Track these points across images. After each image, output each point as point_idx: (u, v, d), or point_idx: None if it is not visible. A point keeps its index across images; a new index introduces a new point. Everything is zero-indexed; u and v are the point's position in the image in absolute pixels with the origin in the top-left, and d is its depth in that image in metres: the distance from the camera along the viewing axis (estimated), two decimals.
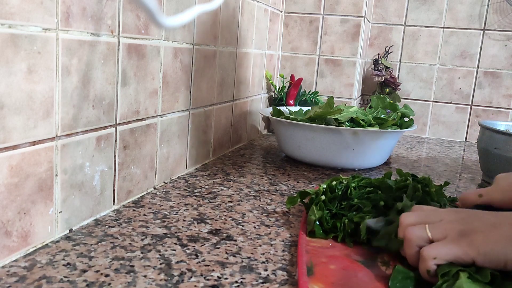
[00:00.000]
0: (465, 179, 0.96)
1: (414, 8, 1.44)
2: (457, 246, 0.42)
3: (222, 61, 0.92)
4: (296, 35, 1.32)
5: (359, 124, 0.92)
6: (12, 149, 0.44)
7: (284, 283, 0.46)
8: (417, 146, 1.31)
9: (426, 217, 0.48)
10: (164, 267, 0.47)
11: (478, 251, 0.41)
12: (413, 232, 0.45)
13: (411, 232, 0.46)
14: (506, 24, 1.38)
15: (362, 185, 0.63)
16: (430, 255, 0.43)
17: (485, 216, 0.46)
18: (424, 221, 0.47)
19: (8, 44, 0.42)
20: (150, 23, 0.64)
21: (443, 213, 0.48)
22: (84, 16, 0.51)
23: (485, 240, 0.42)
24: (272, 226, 0.61)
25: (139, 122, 0.65)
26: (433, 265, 0.42)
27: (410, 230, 0.46)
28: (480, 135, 0.94)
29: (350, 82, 1.31)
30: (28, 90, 0.45)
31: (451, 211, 0.49)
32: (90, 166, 0.56)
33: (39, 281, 0.42)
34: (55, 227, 0.51)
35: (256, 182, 0.81)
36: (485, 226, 0.43)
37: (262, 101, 1.25)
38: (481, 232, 0.43)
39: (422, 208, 0.51)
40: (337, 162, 0.93)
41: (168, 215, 0.61)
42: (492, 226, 0.43)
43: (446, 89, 1.46)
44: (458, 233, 0.44)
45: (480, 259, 0.41)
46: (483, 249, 0.41)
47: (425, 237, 0.45)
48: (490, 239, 0.42)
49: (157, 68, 0.68)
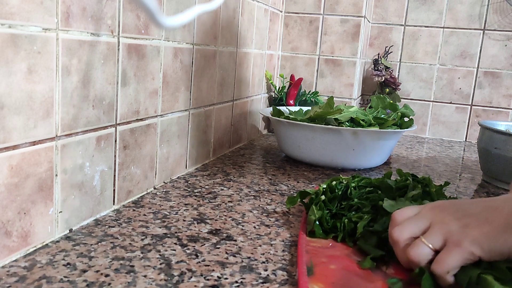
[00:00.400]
0: (465, 179, 0.96)
1: (414, 8, 1.44)
2: (462, 250, 0.42)
3: (222, 61, 0.92)
4: (296, 35, 1.32)
5: (359, 124, 0.92)
6: (12, 149, 0.44)
7: (284, 283, 0.46)
8: (417, 146, 1.31)
9: (416, 225, 0.47)
10: (164, 267, 0.47)
11: (483, 249, 0.42)
12: (415, 253, 0.45)
13: (413, 255, 0.45)
14: (506, 24, 1.38)
15: (362, 185, 0.63)
16: (443, 271, 0.43)
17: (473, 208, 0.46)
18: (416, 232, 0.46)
19: (8, 44, 0.42)
20: (150, 23, 0.64)
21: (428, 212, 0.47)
22: (84, 16, 0.51)
23: (484, 236, 0.42)
24: (272, 226, 0.61)
25: (139, 122, 0.65)
26: (450, 278, 0.43)
27: (411, 253, 0.45)
28: (480, 135, 0.94)
29: (350, 82, 1.31)
30: (28, 90, 0.45)
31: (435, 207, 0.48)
32: (90, 166, 0.56)
33: (39, 281, 0.42)
34: (55, 227, 0.51)
35: (256, 182, 0.81)
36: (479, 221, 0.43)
37: (262, 101, 1.25)
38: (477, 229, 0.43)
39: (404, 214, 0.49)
40: (337, 162, 0.93)
41: (168, 215, 0.61)
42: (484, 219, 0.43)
43: (446, 89, 1.46)
44: (456, 235, 0.43)
45: (487, 256, 0.42)
46: (486, 246, 0.42)
47: (428, 252, 0.44)
48: (489, 234, 0.42)
49: (157, 68, 0.68)
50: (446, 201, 0.49)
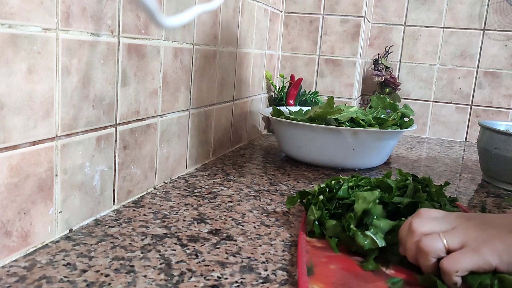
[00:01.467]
0: (465, 179, 0.96)
1: (414, 8, 1.44)
2: (478, 256, 0.41)
3: (222, 61, 0.92)
4: (296, 35, 1.32)
5: (359, 124, 0.92)
6: (12, 149, 0.44)
7: (284, 283, 0.46)
8: (417, 146, 1.31)
9: (438, 225, 0.46)
10: (164, 267, 0.47)
11: (501, 260, 0.41)
12: (429, 244, 0.43)
13: (426, 244, 0.44)
14: (506, 24, 1.38)
15: (362, 184, 0.63)
16: (452, 268, 0.41)
17: (499, 221, 0.45)
18: (436, 230, 0.45)
19: (8, 44, 0.42)
20: (150, 23, 0.64)
21: (455, 219, 0.47)
22: (84, 16, 0.51)
23: (506, 248, 0.41)
24: (272, 226, 0.61)
25: (139, 122, 0.65)
26: (457, 278, 0.41)
27: (425, 242, 0.44)
28: (480, 135, 0.94)
29: (350, 82, 1.31)
30: (28, 90, 0.45)
31: (462, 216, 0.47)
32: (90, 166, 0.56)
33: (39, 281, 0.42)
34: (55, 227, 0.51)
35: (256, 182, 0.81)
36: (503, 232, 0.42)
37: (262, 101, 1.25)
38: (500, 239, 0.42)
39: (430, 213, 0.48)
40: (337, 162, 0.93)
41: (168, 215, 0.61)
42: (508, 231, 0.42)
43: (446, 89, 1.46)
44: (476, 241, 0.42)
45: (504, 267, 0.41)
46: (506, 258, 0.41)
47: (441, 248, 0.43)
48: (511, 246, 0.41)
49: (157, 68, 0.68)
50: (474, 213, 0.48)
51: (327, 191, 0.61)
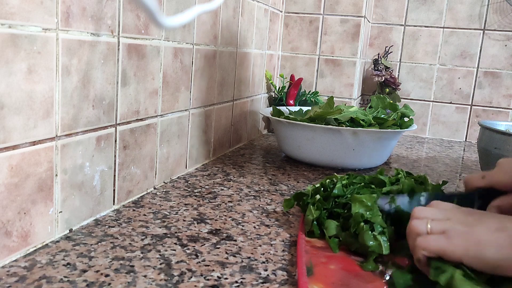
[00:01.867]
0: None
1: (414, 8, 1.44)
2: (447, 243, 0.43)
3: (222, 61, 0.92)
4: (296, 35, 1.32)
5: (359, 124, 0.92)
6: (12, 149, 0.44)
7: (284, 283, 0.46)
8: (417, 146, 1.31)
9: (435, 213, 0.48)
10: (164, 267, 0.47)
11: (467, 253, 0.42)
12: (414, 225, 0.47)
13: (412, 225, 0.47)
14: (506, 24, 1.38)
15: (356, 182, 0.63)
16: (420, 245, 0.44)
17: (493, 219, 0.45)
18: (430, 216, 0.47)
19: (8, 44, 0.42)
20: (150, 23, 0.64)
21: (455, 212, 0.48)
22: (84, 16, 0.51)
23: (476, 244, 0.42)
24: (272, 226, 0.61)
25: (139, 122, 0.65)
26: (422, 255, 0.44)
27: (413, 223, 0.47)
28: (480, 135, 0.94)
29: (350, 82, 1.31)
30: (28, 90, 0.45)
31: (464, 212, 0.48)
32: (90, 166, 0.56)
33: (39, 281, 0.42)
34: (55, 227, 0.51)
35: (256, 182, 0.81)
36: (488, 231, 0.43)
37: (262, 101, 1.25)
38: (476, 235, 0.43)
39: (439, 205, 0.50)
40: (337, 162, 0.93)
41: (168, 215, 0.61)
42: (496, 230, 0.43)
43: (446, 89, 1.46)
44: (455, 232, 0.44)
45: (469, 261, 0.41)
46: (473, 252, 0.41)
47: (423, 231, 0.46)
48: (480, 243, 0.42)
49: (157, 68, 0.68)
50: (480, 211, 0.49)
51: (321, 190, 0.61)
